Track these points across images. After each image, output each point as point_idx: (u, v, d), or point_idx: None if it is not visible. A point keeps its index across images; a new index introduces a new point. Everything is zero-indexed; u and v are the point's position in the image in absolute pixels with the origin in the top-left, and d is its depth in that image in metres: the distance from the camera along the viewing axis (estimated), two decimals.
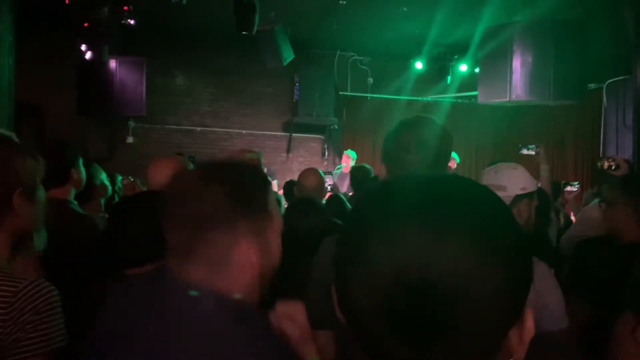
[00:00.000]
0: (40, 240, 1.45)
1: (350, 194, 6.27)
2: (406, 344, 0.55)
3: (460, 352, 0.55)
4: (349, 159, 7.27)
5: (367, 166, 5.01)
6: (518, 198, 1.92)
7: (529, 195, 1.96)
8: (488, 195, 0.61)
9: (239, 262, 1.00)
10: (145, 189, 3.52)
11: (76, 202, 2.57)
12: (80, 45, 6.45)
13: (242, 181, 1.05)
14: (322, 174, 3.36)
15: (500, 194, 0.98)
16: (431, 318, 0.53)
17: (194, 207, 0.99)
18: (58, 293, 1.26)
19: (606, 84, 7.02)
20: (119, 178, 4.27)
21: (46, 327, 1.21)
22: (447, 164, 1.58)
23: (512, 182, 1.94)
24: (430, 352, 0.54)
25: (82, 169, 2.54)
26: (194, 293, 0.96)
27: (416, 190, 0.60)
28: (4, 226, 1.33)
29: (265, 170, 7.36)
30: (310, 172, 3.29)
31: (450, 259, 0.53)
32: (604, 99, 7.10)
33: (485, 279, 0.53)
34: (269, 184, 1.11)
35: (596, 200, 3.26)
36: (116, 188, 3.86)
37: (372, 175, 4.88)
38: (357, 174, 4.89)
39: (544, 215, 2.19)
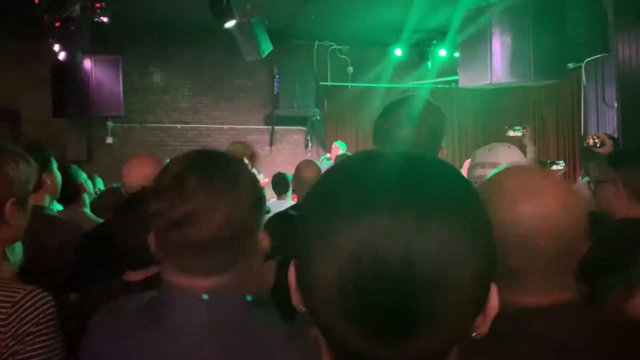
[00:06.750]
0: (17, 252, 1.37)
1: None
2: (378, 338, 0.50)
3: (435, 342, 0.51)
4: (339, 150, 7.20)
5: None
6: None
7: None
8: (461, 177, 0.58)
9: (258, 250, 1.04)
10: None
11: (54, 208, 2.46)
12: (53, 46, 6.30)
13: (255, 185, 1.03)
14: (320, 166, 3.45)
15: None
16: (410, 309, 0.48)
17: (222, 226, 0.94)
18: (56, 304, 1.20)
19: (585, 62, 7.04)
20: (98, 180, 4.20)
21: (46, 338, 1.15)
22: (441, 142, 1.52)
23: (507, 160, 1.91)
24: (405, 346, 0.50)
25: (57, 174, 2.40)
26: (205, 297, 0.96)
27: (392, 170, 0.54)
28: None
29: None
30: (309, 163, 3.37)
31: (433, 244, 0.49)
32: (583, 77, 7.12)
33: (467, 264, 0.51)
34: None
35: (585, 179, 3.26)
36: (96, 190, 3.78)
37: None
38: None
39: None
